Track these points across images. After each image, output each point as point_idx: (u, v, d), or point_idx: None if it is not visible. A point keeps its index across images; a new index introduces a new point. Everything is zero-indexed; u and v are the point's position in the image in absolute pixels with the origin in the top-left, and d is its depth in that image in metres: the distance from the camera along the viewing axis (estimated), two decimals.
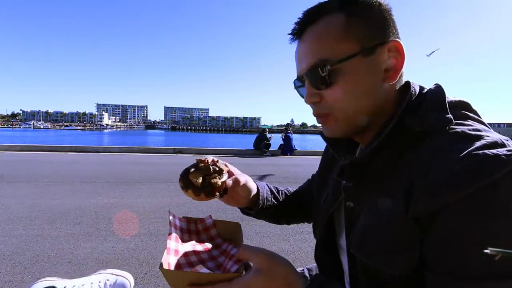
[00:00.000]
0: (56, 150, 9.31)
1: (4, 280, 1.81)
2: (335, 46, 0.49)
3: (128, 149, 9.87)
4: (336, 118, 0.53)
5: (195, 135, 76.09)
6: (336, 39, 0.49)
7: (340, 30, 0.49)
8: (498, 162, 0.37)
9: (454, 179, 0.38)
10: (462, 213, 0.38)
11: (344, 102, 0.51)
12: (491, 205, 0.37)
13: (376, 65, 0.50)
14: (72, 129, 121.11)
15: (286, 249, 2.42)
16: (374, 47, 0.49)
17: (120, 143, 20.89)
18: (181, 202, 3.68)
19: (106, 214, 3.14)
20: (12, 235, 2.50)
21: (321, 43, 0.50)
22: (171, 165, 7.04)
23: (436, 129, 0.46)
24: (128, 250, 2.28)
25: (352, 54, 0.48)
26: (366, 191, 0.53)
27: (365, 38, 0.49)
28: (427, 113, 0.48)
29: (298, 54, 0.55)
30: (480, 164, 0.38)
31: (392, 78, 0.51)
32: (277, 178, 5.56)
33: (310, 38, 0.52)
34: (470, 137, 0.43)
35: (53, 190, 4.06)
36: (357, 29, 0.49)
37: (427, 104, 0.50)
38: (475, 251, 0.37)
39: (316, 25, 0.51)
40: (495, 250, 0.32)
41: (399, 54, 0.50)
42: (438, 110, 0.48)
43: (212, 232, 0.66)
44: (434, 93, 0.52)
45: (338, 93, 0.50)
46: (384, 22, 0.50)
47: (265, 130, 10.56)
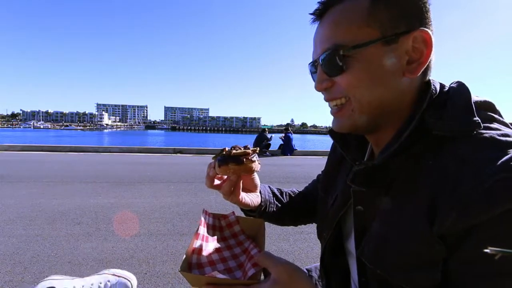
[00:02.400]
0: (56, 150, 9.31)
1: (4, 280, 1.81)
2: (354, 31, 0.45)
3: (128, 149, 9.87)
4: (353, 107, 0.49)
5: (195, 135, 76.08)
6: (358, 23, 0.45)
7: (362, 14, 0.45)
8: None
9: (487, 195, 0.34)
10: (496, 235, 0.35)
11: (357, 90, 0.47)
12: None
13: (398, 56, 0.45)
14: (72, 129, 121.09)
15: (286, 249, 2.42)
16: (396, 35, 0.44)
17: (120, 143, 20.88)
18: (181, 202, 3.68)
19: (106, 214, 3.14)
20: (12, 235, 2.50)
21: (339, 27, 0.47)
22: (171, 165, 7.04)
23: (461, 134, 0.42)
24: (128, 250, 2.28)
25: (369, 41, 0.44)
26: (378, 196, 0.49)
27: (389, 24, 0.44)
28: (452, 116, 0.43)
29: (316, 37, 0.51)
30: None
31: (414, 72, 0.46)
32: (277, 178, 5.56)
33: (329, 21, 0.49)
34: (500, 144, 0.39)
35: (53, 190, 4.06)
36: (381, 14, 0.45)
37: (452, 105, 0.45)
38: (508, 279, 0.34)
39: (338, 7, 0.48)
40: (495, 249, 0.32)
41: (426, 45, 0.45)
42: (465, 113, 0.43)
43: (236, 229, 0.67)
44: (459, 93, 0.47)
45: (350, 80, 0.47)
46: (415, 8, 0.45)
47: (265, 130, 10.55)
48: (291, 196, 0.84)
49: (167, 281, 1.86)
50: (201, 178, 5.32)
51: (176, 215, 3.17)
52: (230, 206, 3.51)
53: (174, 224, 2.91)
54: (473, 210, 0.35)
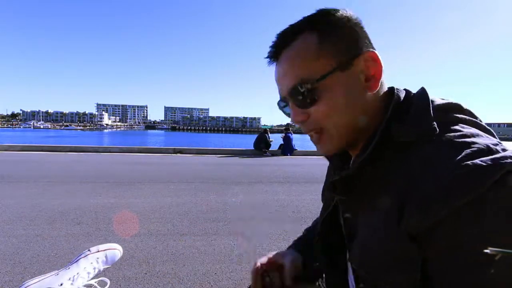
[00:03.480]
0: (56, 150, 9.31)
1: (4, 280, 1.82)
2: (312, 65, 0.50)
3: (128, 149, 9.87)
4: (330, 134, 0.53)
5: (195, 135, 76.06)
6: (312, 58, 0.50)
7: (315, 49, 0.50)
8: (483, 175, 0.38)
9: (446, 192, 0.38)
10: (458, 228, 0.38)
11: (332, 117, 0.51)
12: (482, 216, 0.37)
13: (356, 77, 0.51)
14: (72, 129, 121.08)
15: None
16: (350, 60, 0.50)
17: (120, 143, 20.87)
18: (181, 202, 3.68)
19: (106, 214, 3.14)
20: (12, 235, 2.50)
21: (299, 63, 0.51)
22: (171, 165, 7.05)
23: (423, 138, 0.46)
24: (128, 250, 2.28)
25: (329, 71, 0.49)
26: (360, 203, 0.53)
27: (340, 53, 0.50)
28: (413, 121, 0.48)
29: (278, 76, 0.55)
30: (469, 176, 0.38)
31: (373, 87, 0.51)
32: (277, 178, 5.56)
33: (287, 60, 0.53)
34: (456, 145, 0.43)
35: (53, 190, 4.06)
36: (331, 46, 0.50)
37: (414, 111, 0.50)
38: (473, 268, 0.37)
39: (291, 47, 0.52)
40: (495, 250, 0.32)
41: (376, 62, 0.51)
42: (424, 117, 0.48)
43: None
44: (419, 98, 0.52)
45: (324, 109, 0.51)
46: (356, 35, 0.52)
47: (267, 131, 10.54)
48: None
49: (167, 281, 1.86)
50: (201, 178, 5.32)
51: (176, 215, 3.17)
52: (230, 206, 3.51)
53: (174, 224, 2.91)
54: (434, 208, 0.39)
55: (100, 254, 1.03)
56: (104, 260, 1.00)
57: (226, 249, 2.36)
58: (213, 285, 1.84)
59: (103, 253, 1.03)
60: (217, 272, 2.00)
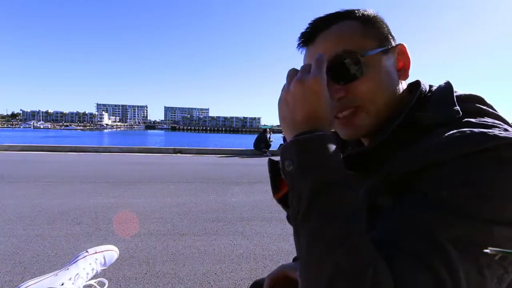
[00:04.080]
0: (56, 150, 9.31)
1: (4, 280, 1.82)
2: (357, 40, 0.51)
3: (128, 149, 9.87)
4: (367, 111, 0.52)
5: (195, 135, 76.06)
6: (357, 35, 0.52)
7: (359, 30, 0.52)
8: (483, 137, 0.39)
9: (441, 145, 0.40)
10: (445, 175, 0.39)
11: (374, 94, 0.51)
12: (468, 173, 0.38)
13: (393, 63, 0.53)
14: (72, 129, 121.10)
15: (286, 249, 2.42)
16: (387, 49, 0.53)
17: (120, 143, 20.87)
18: (181, 202, 3.68)
19: (106, 214, 3.14)
20: (12, 235, 2.50)
21: (343, 37, 0.51)
22: (171, 165, 7.05)
23: (444, 122, 0.46)
24: (128, 250, 2.28)
25: (375, 48, 0.51)
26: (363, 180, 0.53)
27: (381, 39, 0.53)
28: (435, 107, 0.49)
29: (312, 55, 0.52)
30: (466, 136, 0.40)
31: (405, 76, 0.55)
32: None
33: (328, 37, 0.52)
34: (475, 125, 0.43)
35: (53, 190, 4.06)
36: (373, 32, 0.53)
37: (435, 98, 0.51)
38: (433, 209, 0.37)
39: (331, 29, 0.52)
40: (495, 250, 0.32)
41: (406, 55, 0.55)
42: (446, 104, 0.49)
43: None
44: (442, 88, 0.54)
45: (368, 85, 0.50)
46: (387, 29, 0.55)
47: (266, 131, 10.54)
48: None
49: (167, 281, 1.86)
50: (201, 178, 5.32)
51: (176, 215, 3.17)
52: (230, 206, 3.51)
53: (174, 224, 2.91)
54: (427, 154, 0.41)
55: (98, 255, 1.03)
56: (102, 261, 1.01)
57: (226, 249, 2.36)
58: (213, 285, 1.84)
59: (101, 254, 1.04)
60: (217, 272, 2.00)
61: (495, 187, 0.37)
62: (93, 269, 0.98)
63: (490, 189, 0.37)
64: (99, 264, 1.00)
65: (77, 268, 0.97)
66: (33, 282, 0.94)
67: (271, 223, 3.01)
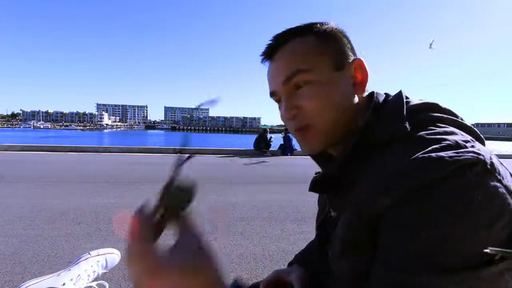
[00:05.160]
0: (56, 150, 9.30)
1: (4, 280, 1.82)
2: (310, 58, 0.52)
3: (128, 149, 9.86)
4: (316, 130, 0.54)
5: (195, 135, 76.07)
6: (311, 52, 0.53)
7: (314, 46, 0.53)
8: (439, 165, 0.38)
9: (401, 177, 0.40)
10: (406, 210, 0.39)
11: (322, 112, 0.52)
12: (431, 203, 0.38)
13: (346, 80, 0.54)
14: (72, 129, 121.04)
15: (286, 249, 2.42)
16: (342, 64, 0.54)
17: (120, 143, 20.85)
18: None
19: (106, 214, 3.14)
20: (12, 235, 2.50)
21: (297, 55, 0.53)
22: (171, 165, 7.03)
23: (397, 137, 0.47)
24: None
25: (325, 68, 0.52)
26: (340, 201, 0.55)
27: (335, 55, 0.54)
28: (387, 121, 0.50)
29: (272, 72, 0.57)
30: (423, 165, 0.39)
31: (360, 91, 0.55)
32: (277, 178, 5.56)
33: (284, 54, 0.54)
34: (426, 141, 0.44)
35: (53, 190, 4.06)
36: (328, 48, 0.54)
37: (388, 112, 0.52)
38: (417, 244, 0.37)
39: (288, 45, 0.54)
40: (495, 250, 0.32)
41: (363, 70, 0.55)
42: (397, 118, 0.50)
43: None
44: (394, 100, 0.54)
45: (317, 103, 0.52)
46: (345, 43, 0.56)
47: (266, 131, 10.53)
48: None
49: None
50: (201, 178, 5.30)
51: None
52: (230, 206, 3.50)
53: None
54: (387, 190, 0.40)
55: (100, 257, 1.04)
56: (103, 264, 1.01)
57: (226, 249, 2.36)
58: None
59: (103, 257, 1.05)
60: None
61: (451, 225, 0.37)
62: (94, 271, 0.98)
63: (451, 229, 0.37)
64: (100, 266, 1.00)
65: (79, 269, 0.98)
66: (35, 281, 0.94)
67: (271, 223, 3.01)
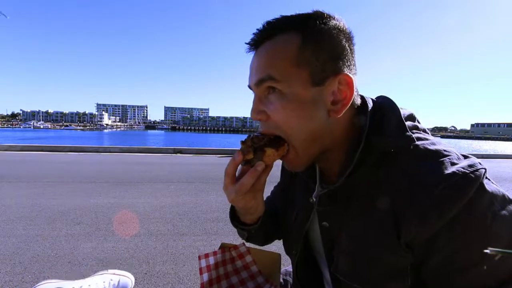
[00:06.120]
0: (56, 150, 9.30)
1: (4, 280, 1.81)
2: (286, 68, 0.48)
3: (128, 149, 9.86)
4: (296, 151, 0.52)
5: (195, 135, 76.06)
6: (288, 61, 0.47)
7: (294, 54, 0.47)
8: (469, 182, 0.41)
9: (438, 204, 0.41)
10: (452, 237, 0.42)
11: (290, 126, 0.50)
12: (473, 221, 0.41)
13: (323, 97, 0.49)
14: (72, 129, 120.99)
15: None
16: (324, 79, 0.48)
17: (120, 143, 20.87)
18: (181, 202, 3.68)
19: (106, 214, 3.14)
20: (12, 235, 2.50)
21: (274, 60, 0.48)
22: (171, 165, 7.04)
23: (400, 149, 0.48)
24: (128, 250, 2.28)
25: (300, 82, 0.47)
26: (341, 212, 0.54)
27: (317, 67, 0.47)
28: (390, 133, 0.49)
29: (252, 65, 0.53)
30: (456, 186, 0.41)
31: (339, 112, 0.49)
32: (277, 178, 5.54)
33: (264, 53, 0.50)
34: (431, 153, 0.47)
35: (53, 190, 4.06)
36: (311, 56, 0.47)
37: (388, 122, 0.51)
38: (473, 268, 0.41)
39: (273, 41, 0.49)
40: (495, 250, 0.32)
41: (349, 88, 0.49)
42: (400, 129, 0.50)
43: (247, 259, 0.67)
44: (391, 109, 0.53)
45: (284, 118, 0.49)
46: (340, 51, 0.48)
47: None
48: None
49: (167, 281, 1.86)
50: (201, 178, 5.32)
51: (176, 215, 3.17)
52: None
53: (174, 224, 2.91)
54: (429, 220, 0.42)
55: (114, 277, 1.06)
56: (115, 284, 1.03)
57: None
58: None
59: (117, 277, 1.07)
60: None
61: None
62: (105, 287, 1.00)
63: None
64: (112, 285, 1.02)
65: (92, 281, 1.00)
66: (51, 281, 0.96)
67: None
